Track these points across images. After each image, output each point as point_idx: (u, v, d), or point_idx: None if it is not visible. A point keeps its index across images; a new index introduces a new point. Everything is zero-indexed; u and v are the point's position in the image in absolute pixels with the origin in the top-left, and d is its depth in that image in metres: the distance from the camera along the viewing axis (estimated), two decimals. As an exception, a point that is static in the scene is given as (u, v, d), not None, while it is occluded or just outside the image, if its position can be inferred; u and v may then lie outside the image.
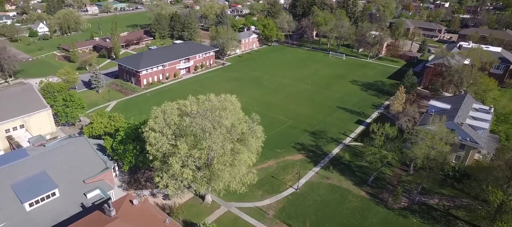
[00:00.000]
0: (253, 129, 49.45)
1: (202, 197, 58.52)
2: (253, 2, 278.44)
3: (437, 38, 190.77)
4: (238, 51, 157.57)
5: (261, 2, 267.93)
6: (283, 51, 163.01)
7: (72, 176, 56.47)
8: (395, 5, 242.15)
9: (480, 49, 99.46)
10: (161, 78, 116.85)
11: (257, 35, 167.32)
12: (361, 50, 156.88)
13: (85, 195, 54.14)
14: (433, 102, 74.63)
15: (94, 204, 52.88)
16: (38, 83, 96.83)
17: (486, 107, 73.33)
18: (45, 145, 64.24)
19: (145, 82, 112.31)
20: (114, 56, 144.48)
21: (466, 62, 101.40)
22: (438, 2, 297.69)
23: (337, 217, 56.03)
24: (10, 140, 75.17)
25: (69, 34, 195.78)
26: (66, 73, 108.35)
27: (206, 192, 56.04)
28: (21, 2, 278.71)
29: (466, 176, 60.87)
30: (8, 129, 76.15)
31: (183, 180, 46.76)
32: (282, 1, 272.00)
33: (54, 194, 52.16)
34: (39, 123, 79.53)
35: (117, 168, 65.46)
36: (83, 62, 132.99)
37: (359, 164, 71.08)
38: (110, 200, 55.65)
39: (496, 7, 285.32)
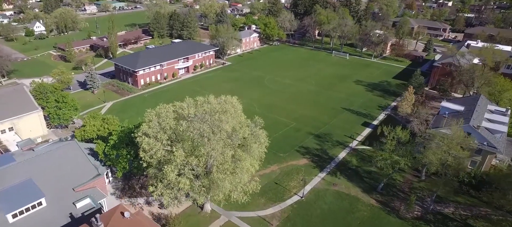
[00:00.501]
0: (256, 134, 45.44)
1: (200, 206, 54.53)
2: (253, 1, 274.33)
3: (441, 38, 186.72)
4: (238, 51, 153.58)
5: (261, 1, 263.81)
6: (285, 51, 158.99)
7: (60, 184, 52.49)
8: (398, 4, 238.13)
9: (492, 48, 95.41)
10: (159, 78, 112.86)
11: (258, 34, 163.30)
12: (364, 49, 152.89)
13: (74, 204, 50.15)
14: (445, 104, 70.61)
15: (84, 215, 48.89)
16: (30, 84, 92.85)
17: (503, 109, 69.26)
18: (34, 149, 60.38)
19: (142, 83, 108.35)
20: (111, 55, 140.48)
21: (476, 61, 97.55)
22: (441, 1, 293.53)
23: (346, 228, 52.07)
24: (-2, 143, 71.32)
25: (66, 33, 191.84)
26: (60, 73, 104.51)
27: (205, 201, 52.03)
28: (19, 1, 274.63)
29: (483, 183, 56.87)
30: (-4, 132, 72.32)
31: (180, 190, 42.67)
32: (283, 0, 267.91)
33: (40, 204, 48.20)
34: (30, 125, 75.56)
35: (110, 174, 61.45)
36: (79, 62, 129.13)
37: (368, 169, 67.09)
38: (101, 209, 51.85)
39: (500, 6, 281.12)
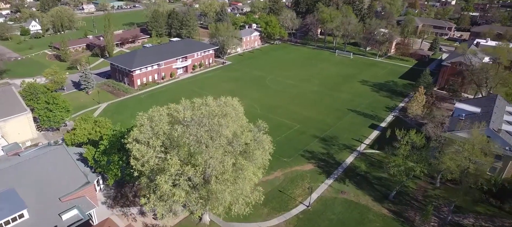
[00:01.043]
0: (259, 139, 41.03)
1: (199, 217, 50.12)
2: (254, 0, 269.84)
3: (447, 36, 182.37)
4: (239, 50, 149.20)
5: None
6: (287, 50, 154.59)
7: (46, 193, 48.18)
8: (401, 2, 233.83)
9: (507, 46, 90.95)
10: (156, 78, 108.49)
11: (259, 33, 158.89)
12: (368, 48, 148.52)
13: (60, 216, 45.88)
14: (459, 105, 66.24)
15: (70, 228, 44.67)
16: (20, 84, 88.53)
17: (523, 111, 64.98)
18: (20, 155, 56.05)
19: (139, 83, 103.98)
20: (107, 55, 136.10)
21: (486, 60, 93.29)
22: (444, 0, 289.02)
23: (357, 241, 47.73)
24: (-17, 148, 66.85)
25: (62, 32, 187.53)
26: (53, 73, 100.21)
27: (204, 212, 47.65)
28: (16, 0, 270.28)
29: (505, 191, 52.53)
30: (-19, 136, 67.93)
31: (175, 202, 38.28)
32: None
33: (22, 216, 43.91)
34: (18, 128, 71.12)
35: (101, 182, 57.07)
36: (74, 62, 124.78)
37: (378, 175, 62.75)
38: (90, 221, 47.55)
39: (504, 5, 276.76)
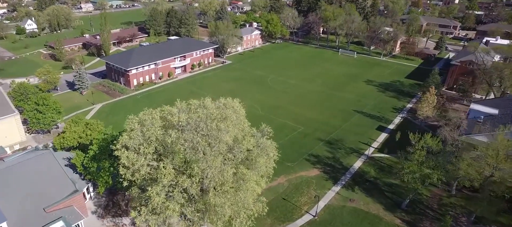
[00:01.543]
0: (263, 146, 36.93)
1: (196, 229, 46.02)
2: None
3: (452, 35, 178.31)
4: (239, 49, 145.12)
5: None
6: (289, 49, 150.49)
7: (29, 203, 44.12)
8: (404, 1, 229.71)
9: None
10: (153, 78, 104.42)
11: (259, 32, 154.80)
12: (372, 47, 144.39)
13: (44, 229, 41.90)
14: (475, 106, 62.18)
15: (54, 243, 40.64)
16: (10, 84, 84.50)
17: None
18: (4, 160, 52.15)
19: (135, 83, 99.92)
20: (103, 54, 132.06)
21: (496, 59, 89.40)
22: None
23: (369, 256, 43.66)
24: (-33, 152, 62.80)
25: (59, 31, 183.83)
26: (46, 72, 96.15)
27: (202, 224, 43.51)
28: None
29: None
30: (-35, 139, 63.92)
31: (169, 216, 34.21)
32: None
33: (1, 230, 39.88)
34: (5, 130, 67.05)
35: (92, 189, 53.00)
36: (69, 61, 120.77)
37: (388, 181, 58.70)
38: (77, 235, 43.55)
39: (508, 4, 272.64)
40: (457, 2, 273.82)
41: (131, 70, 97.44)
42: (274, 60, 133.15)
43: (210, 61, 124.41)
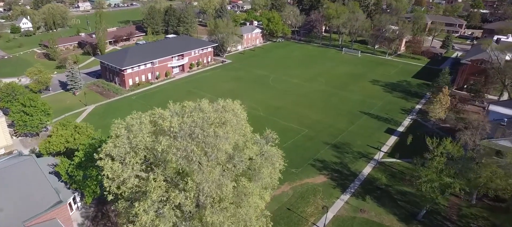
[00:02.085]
0: (267, 154, 32.47)
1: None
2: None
3: (457, 34, 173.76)
4: (239, 48, 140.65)
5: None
6: (290, 48, 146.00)
7: (7, 216, 39.75)
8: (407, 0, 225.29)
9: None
10: (150, 78, 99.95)
11: (260, 30, 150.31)
12: (376, 46, 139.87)
13: (21, 246, 37.49)
14: (494, 108, 57.78)
15: (32, 262, 36.20)
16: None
17: None
18: (-16, 167, 47.71)
19: (130, 83, 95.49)
20: (99, 53, 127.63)
21: (508, 57, 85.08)
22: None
23: (384, 275, 39.19)
24: None
25: (55, 30, 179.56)
26: (37, 72, 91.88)
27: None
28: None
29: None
30: None
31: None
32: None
33: (-28, 248, 35.50)
34: (-11, 134, 62.75)
35: (78, 199, 48.53)
36: (63, 60, 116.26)
37: (400, 189, 54.28)
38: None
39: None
40: (460, 0, 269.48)
41: (126, 69, 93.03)
42: (276, 59, 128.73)
43: (209, 60, 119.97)
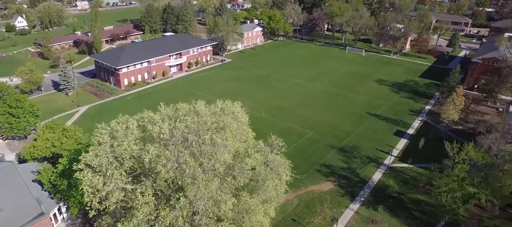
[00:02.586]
0: (273, 164, 28.33)
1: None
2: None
3: (463, 33, 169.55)
4: (239, 46, 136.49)
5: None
6: (292, 46, 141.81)
7: (-19, 231, 35.71)
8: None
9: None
10: (146, 77, 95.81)
11: (261, 28, 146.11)
12: (381, 45, 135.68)
13: (-5, 265, 33.40)
14: (515, 110, 53.66)
15: None
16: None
17: None
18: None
19: (126, 83, 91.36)
20: (95, 52, 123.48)
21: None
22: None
23: None
24: None
25: (51, 29, 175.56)
26: (28, 71, 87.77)
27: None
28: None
29: None
30: None
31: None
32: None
33: None
34: (-29, 137, 58.66)
35: (64, 210, 44.38)
36: (56, 59, 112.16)
37: (414, 197, 50.19)
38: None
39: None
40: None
41: (122, 68, 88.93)
42: (278, 58, 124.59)
43: (208, 59, 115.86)
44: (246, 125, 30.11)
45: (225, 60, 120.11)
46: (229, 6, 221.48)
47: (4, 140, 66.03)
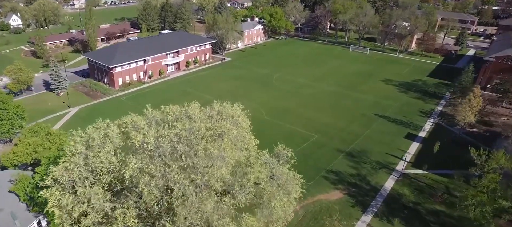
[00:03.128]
0: (280, 180, 23.81)
1: None
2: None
3: (469, 31, 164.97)
4: (240, 45, 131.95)
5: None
6: (294, 45, 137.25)
7: None
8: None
9: None
10: (142, 77, 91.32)
11: (262, 26, 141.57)
12: (385, 44, 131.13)
13: None
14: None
15: None
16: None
17: None
18: None
19: (120, 82, 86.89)
20: (90, 50, 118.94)
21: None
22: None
23: None
24: None
25: (46, 27, 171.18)
26: (18, 70, 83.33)
27: None
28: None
29: None
30: None
31: None
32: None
33: None
34: (-51, 141, 54.18)
35: (44, 224, 39.88)
36: (49, 58, 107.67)
37: (432, 207, 45.66)
38: None
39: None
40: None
41: (116, 67, 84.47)
42: (279, 57, 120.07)
43: (207, 58, 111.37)
44: (247, 131, 25.62)
45: (224, 59, 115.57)
46: (229, 5, 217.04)
47: (-13, 144, 61.64)
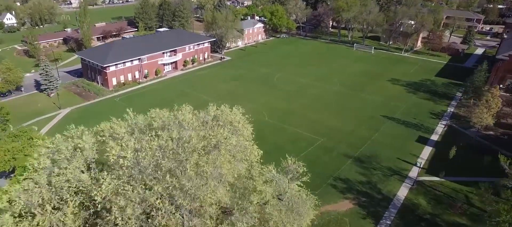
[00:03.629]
0: (290, 201, 19.62)
1: None
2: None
3: (476, 29, 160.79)
4: (239, 43, 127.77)
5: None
6: (296, 44, 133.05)
7: None
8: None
9: None
10: (137, 76, 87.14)
11: (263, 25, 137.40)
12: (390, 42, 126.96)
13: None
14: None
15: None
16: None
17: None
18: None
19: (114, 82, 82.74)
20: (84, 49, 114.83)
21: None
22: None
23: None
24: None
25: (41, 26, 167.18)
26: (6, 70, 79.23)
27: None
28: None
29: None
30: None
31: None
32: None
33: None
34: None
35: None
36: (41, 58, 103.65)
37: (451, 219, 41.56)
38: None
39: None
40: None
41: (109, 67, 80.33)
42: (281, 56, 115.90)
43: (206, 57, 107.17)
44: (249, 140, 21.43)
45: (224, 58, 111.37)
46: (229, 3, 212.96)
47: (-31, 148, 57.41)
